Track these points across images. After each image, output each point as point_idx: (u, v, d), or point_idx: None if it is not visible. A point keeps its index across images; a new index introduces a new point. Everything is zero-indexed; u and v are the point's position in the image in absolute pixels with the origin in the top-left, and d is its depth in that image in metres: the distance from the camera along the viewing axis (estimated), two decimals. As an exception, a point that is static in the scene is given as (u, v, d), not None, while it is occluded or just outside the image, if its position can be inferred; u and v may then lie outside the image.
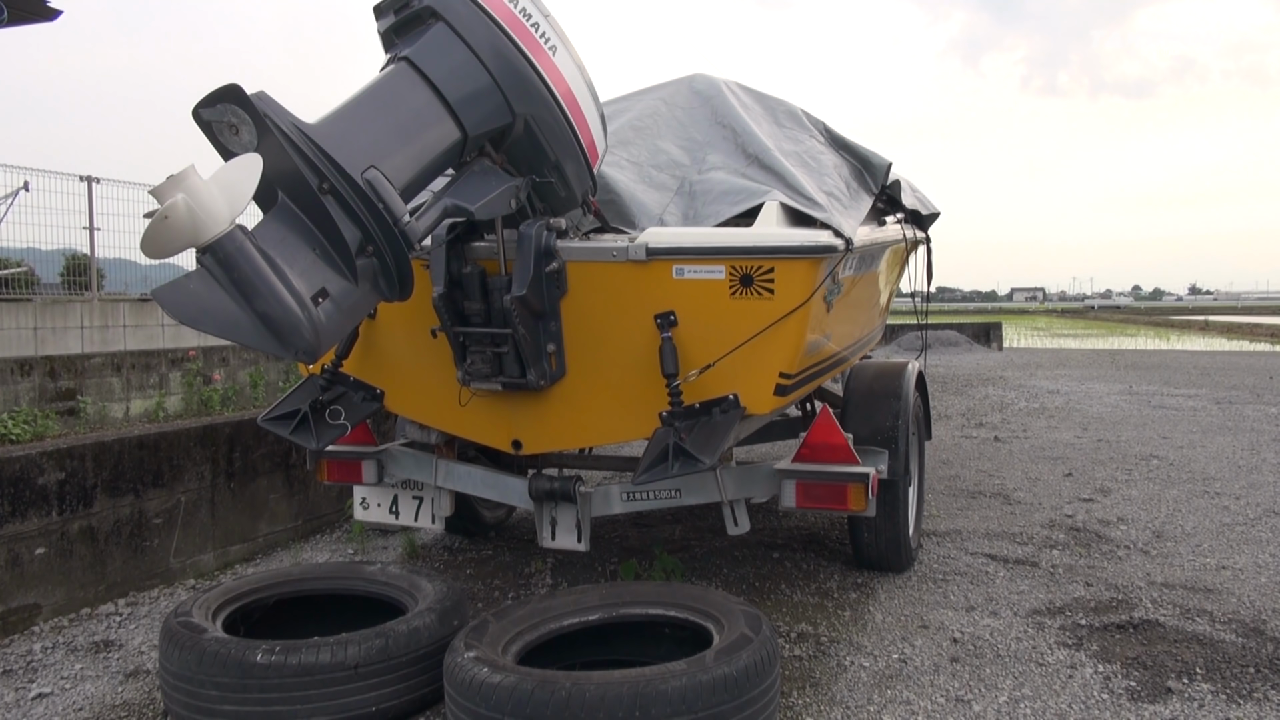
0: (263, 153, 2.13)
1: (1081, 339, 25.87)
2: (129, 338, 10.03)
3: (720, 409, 2.87)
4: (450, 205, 2.57)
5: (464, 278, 2.90)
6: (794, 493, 3.12)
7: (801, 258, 2.77)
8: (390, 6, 2.64)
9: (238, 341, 2.17)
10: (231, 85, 2.12)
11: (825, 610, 3.48)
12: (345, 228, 2.25)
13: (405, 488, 3.61)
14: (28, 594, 3.42)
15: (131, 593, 3.78)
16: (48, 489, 3.50)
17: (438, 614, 2.67)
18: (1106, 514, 4.86)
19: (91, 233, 10.53)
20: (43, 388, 8.35)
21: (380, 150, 2.36)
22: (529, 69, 2.62)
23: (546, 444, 3.24)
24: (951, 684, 2.84)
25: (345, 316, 2.30)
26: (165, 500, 3.95)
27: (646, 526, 4.70)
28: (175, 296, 2.07)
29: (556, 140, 2.75)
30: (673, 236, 2.88)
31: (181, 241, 2.03)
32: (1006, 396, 9.92)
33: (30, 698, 2.87)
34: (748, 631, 2.36)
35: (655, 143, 3.74)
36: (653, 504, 3.28)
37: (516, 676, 2.16)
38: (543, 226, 2.83)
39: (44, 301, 9.74)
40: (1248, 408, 9.06)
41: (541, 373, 2.96)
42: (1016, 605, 3.51)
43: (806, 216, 3.02)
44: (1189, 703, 2.69)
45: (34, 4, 6.40)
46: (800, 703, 2.73)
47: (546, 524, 3.32)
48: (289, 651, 2.43)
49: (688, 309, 2.83)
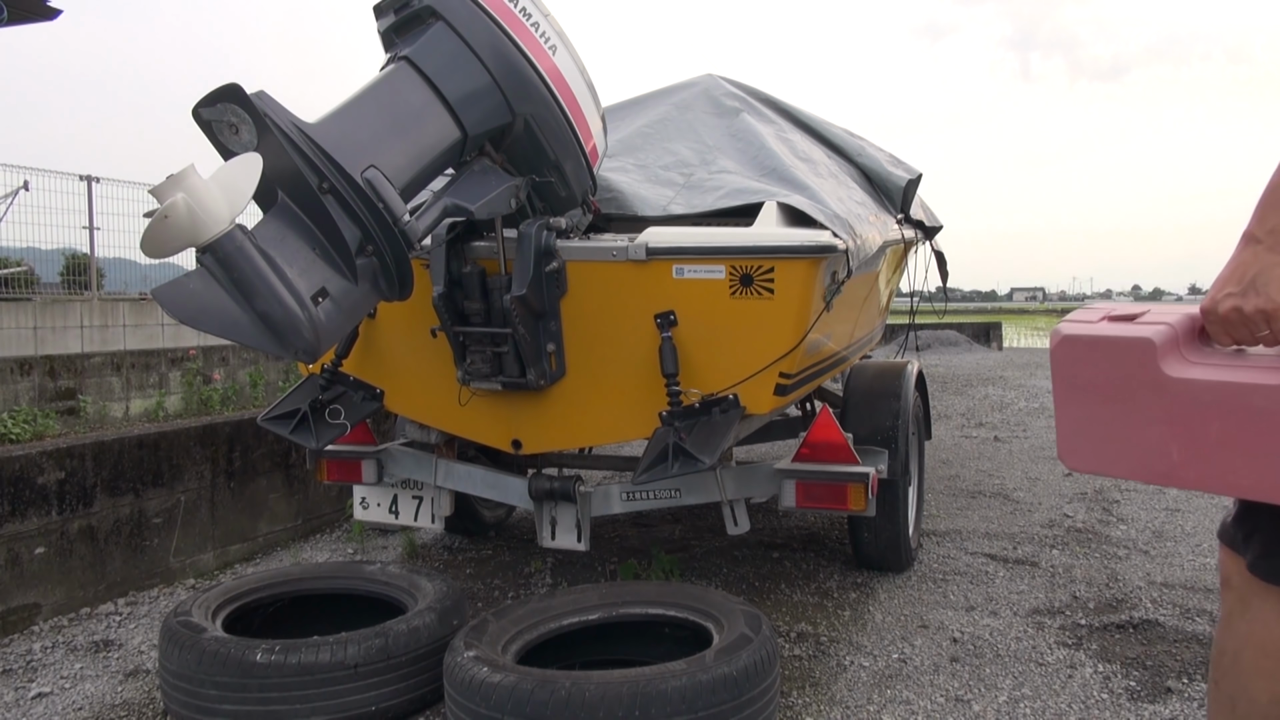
0: (262, 152, 2.13)
1: (1081, 339, 25.83)
2: (129, 337, 10.02)
3: (720, 409, 2.87)
4: (450, 205, 2.57)
5: (464, 277, 2.90)
6: (794, 492, 3.12)
7: (801, 257, 2.76)
8: (390, 6, 2.63)
9: (238, 341, 2.16)
10: (231, 85, 2.12)
11: (825, 610, 3.48)
12: (345, 227, 2.25)
13: (405, 487, 3.61)
14: (27, 593, 3.42)
15: (131, 592, 3.79)
16: (47, 488, 3.50)
17: (437, 613, 2.67)
18: (1106, 514, 4.86)
19: (91, 232, 10.54)
20: (42, 387, 8.35)
21: (380, 150, 2.36)
22: (529, 68, 2.63)
23: (546, 444, 3.24)
24: (951, 684, 2.84)
25: (345, 316, 2.30)
26: (165, 500, 3.95)
27: (646, 526, 4.70)
28: (175, 296, 2.07)
29: (556, 140, 2.75)
30: (673, 236, 2.88)
31: (181, 241, 2.03)
32: (1006, 396, 9.92)
33: (30, 697, 2.87)
34: (748, 631, 2.36)
35: (665, 145, 3.75)
36: (652, 504, 3.28)
37: (516, 676, 2.16)
38: (543, 226, 2.83)
39: (44, 301, 9.74)
40: (1247, 408, 9.05)
41: (541, 372, 2.96)
42: (1016, 605, 3.51)
43: (807, 216, 3.02)
44: (1189, 703, 2.69)
45: (34, 3, 6.40)
46: (800, 702, 2.73)
47: (546, 524, 3.32)
48: (288, 651, 2.43)
49: (688, 309, 2.83)
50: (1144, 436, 1.48)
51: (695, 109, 4.06)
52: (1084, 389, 1.53)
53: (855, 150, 4.31)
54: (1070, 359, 1.52)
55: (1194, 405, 1.40)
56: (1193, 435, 1.43)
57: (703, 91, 4.21)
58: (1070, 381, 1.54)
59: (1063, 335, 1.52)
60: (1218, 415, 1.39)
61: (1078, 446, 1.57)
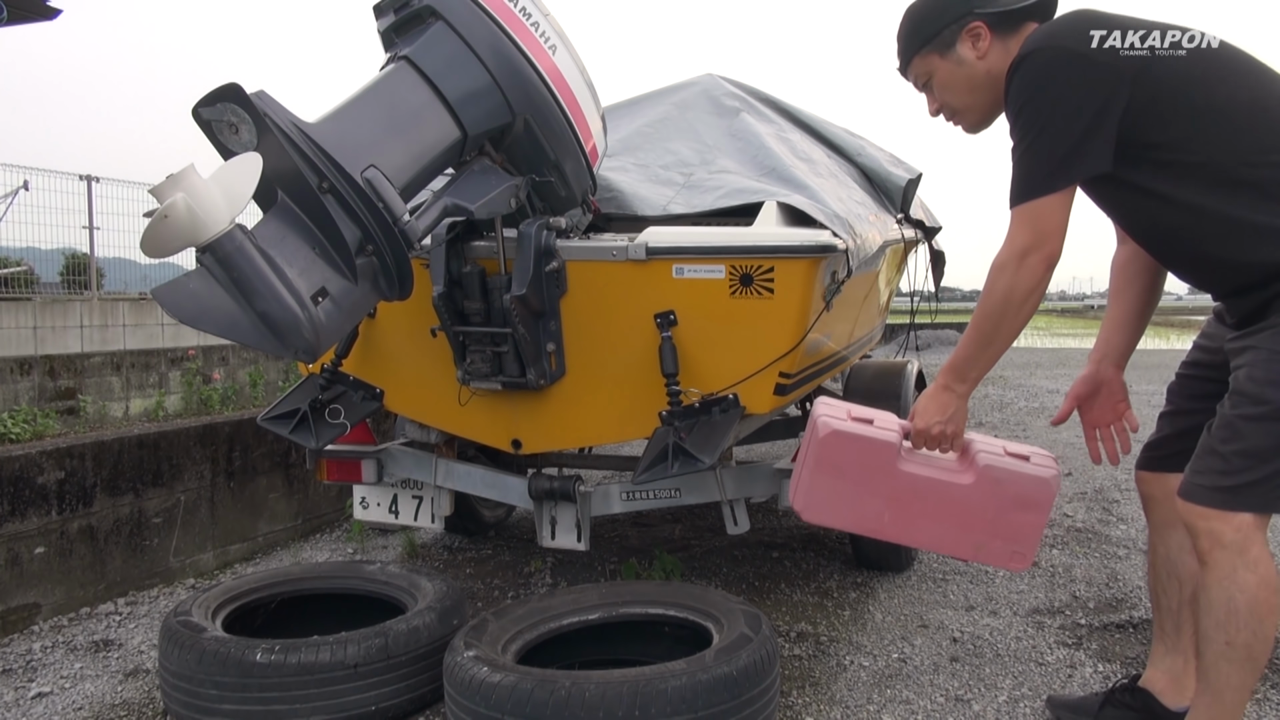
0: (262, 152, 2.13)
1: (1081, 339, 25.86)
2: (128, 337, 10.02)
3: (720, 409, 2.87)
4: (450, 204, 2.57)
5: (464, 277, 2.89)
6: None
7: (801, 257, 2.76)
8: (390, 6, 2.63)
9: (237, 341, 2.16)
10: (231, 84, 2.12)
11: (825, 610, 3.48)
12: (345, 227, 2.25)
13: (405, 487, 3.61)
14: (27, 593, 3.42)
15: (131, 592, 3.79)
16: (47, 488, 3.50)
17: (437, 613, 2.67)
18: (1106, 514, 4.86)
19: (91, 232, 10.54)
20: (42, 387, 8.35)
21: (380, 149, 2.36)
22: (529, 68, 2.62)
23: (546, 443, 3.24)
24: (951, 683, 2.84)
25: (345, 316, 2.30)
26: (165, 499, 3.95)
27: (646, 526, 4.70)
28: (175, 296, 2.07)
29: (556, 139, 2.75)
30: (672, 236, 2.88)
31: (181, 241, 2.02)
32: (1006, 396, 9.92)
33: (30, 697, 2.87)
34: (747, 631, 2.36)
35: (664, 144, 3.74)
36: (652, 503, 3.28)
37: (516, 675, 2.16)
38: (542, 226, 2.83)
39: (43, 300, 9.74)
40: (1247, 407, 9.05)
41: (541, 372, 2.95)
42: (1016, 605, 3.51)
43: (807, 216, 3.02)
44: (1188, 702, 2.69)
45: (34, 3, 6.40)
46: (800, 702, 2.73)
47: (546, 523, 3.32)
48: (288, 650, 2.42)
49: (687, 308, 2.83)
50: (868, 503, 2.25)
51: (695, 109, 4.06)
52: (838, 467, 2.23)
53: (855, 150, 4.31)
54: (835, 446, 2.23)
55: (907, 487, 2.23)
56: (901, 506, 2.24)
57: (703, 91, 4.21)
58: (829, 460, 2.23)
59: (831, 429, 2.22)
60: (918, 496, 2.23)
61: (814, 502, 2.28)
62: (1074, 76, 1.92)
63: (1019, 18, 2.12)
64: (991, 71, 2.15)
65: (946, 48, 2.18)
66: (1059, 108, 1.93)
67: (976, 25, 2.13)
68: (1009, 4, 2.12)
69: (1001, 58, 2.12)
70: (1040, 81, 1.95)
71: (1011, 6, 2.12)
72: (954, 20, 2.15)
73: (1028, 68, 1.97)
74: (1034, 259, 1.97)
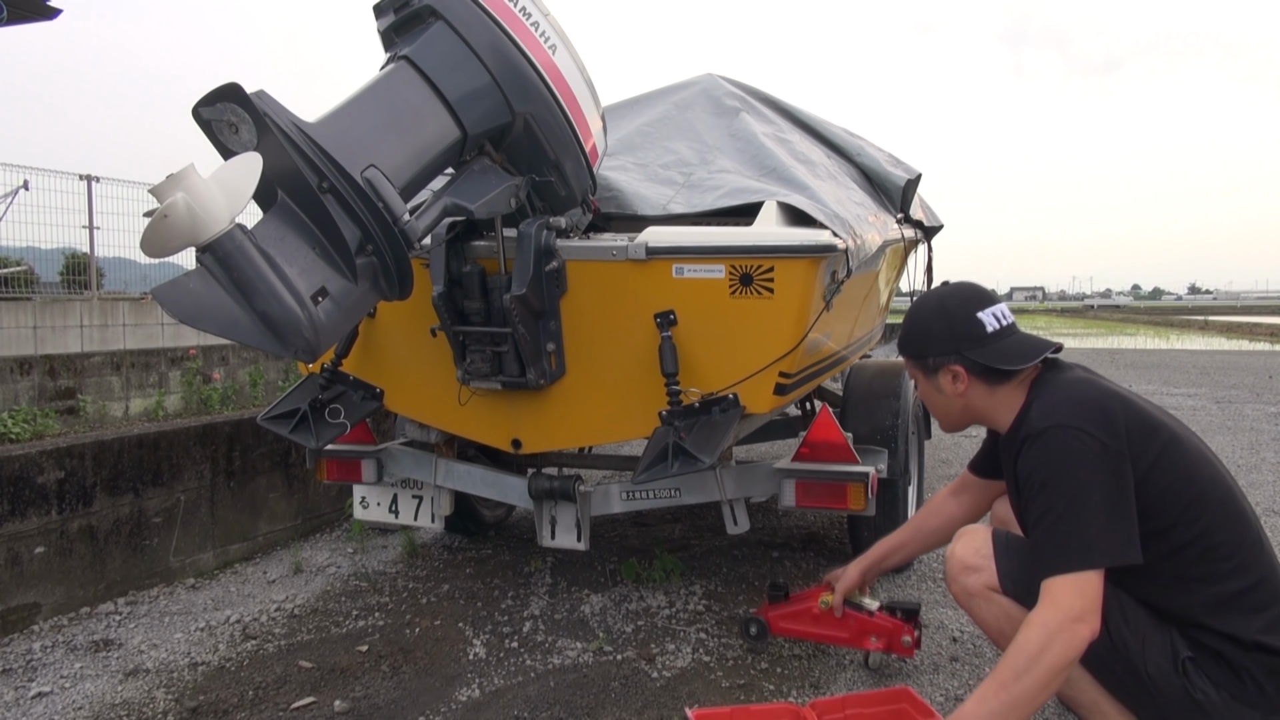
0: (262, 151, 2.13)
1: (1081, 338, 25.86)
2: (128, 336, 10.02)
3: (720, 408, 2.87)
4: (450, 204, 2.57)
5: (464, 277, 2.90)
6: (793, 492, 3.12)
7: (801, 257, 2.76)
8: (390, 5, 2.63)
9: (237, 340, 2.16)
10: (231, 84, 2.12)
11: (825, 609, 3.47)
12: (345, 226, 2.25)
13: (405, 487, 3.61)
14: (27, 593, 3.42)
15: (131, 592, 3.79)
16: (47, 488, 3.50)
17: None
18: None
19: (91, 231, 10.52)
20: (42, 386, 8.35)
21: (380, 149, 2.36)
22: (528, 68, 2.63)
23: (546, 443, 3.24)
24: (951, 683, 2.84)
25: (345, 315, 2.30)
26: (165, 499, 3.95)
27: (646, 526, 4.70)
28: (175, 295, 2.07)
29: (556, 139, 2.75)
30: (672, 236, 2.88)
31: (181, 240, 2.02)
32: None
33: (30, 696, 2.87)
34: None
35: (664, 144, 3.74)
36: (652, 503, 3.28)
37: None
38: (542, 225, 2.83)
39: (43, 300, 9.73)
40: (1247, 407, 9.06)
41: (541, 372, 2.95)
42: (1016, 604, 3.51)
43: (806, 216, 3.02)
44: (1188, 702, 2.69)
45: (34, 3, 6.39)
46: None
47: (546, 523, 3.32)
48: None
49: (687, 308, 2.83)
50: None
51: (695, 108, 4.06)
52: None
53: (855, 150, 4.32)
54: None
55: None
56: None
57: (702, 91, 4.21)
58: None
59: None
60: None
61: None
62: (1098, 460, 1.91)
63: (1005, 376, 2.13)
64: (970, 407, 2.19)
65: (930, 372, 2.21)
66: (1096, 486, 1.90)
67: (956, 368, 2.15)
68: (995, 363, 2.10)
69: (984, 398, 2.16)
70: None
71: (998, 366, 2.11)
72: (938, 354, 2.17)
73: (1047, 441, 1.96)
74: (1084, 629, 1.84)
